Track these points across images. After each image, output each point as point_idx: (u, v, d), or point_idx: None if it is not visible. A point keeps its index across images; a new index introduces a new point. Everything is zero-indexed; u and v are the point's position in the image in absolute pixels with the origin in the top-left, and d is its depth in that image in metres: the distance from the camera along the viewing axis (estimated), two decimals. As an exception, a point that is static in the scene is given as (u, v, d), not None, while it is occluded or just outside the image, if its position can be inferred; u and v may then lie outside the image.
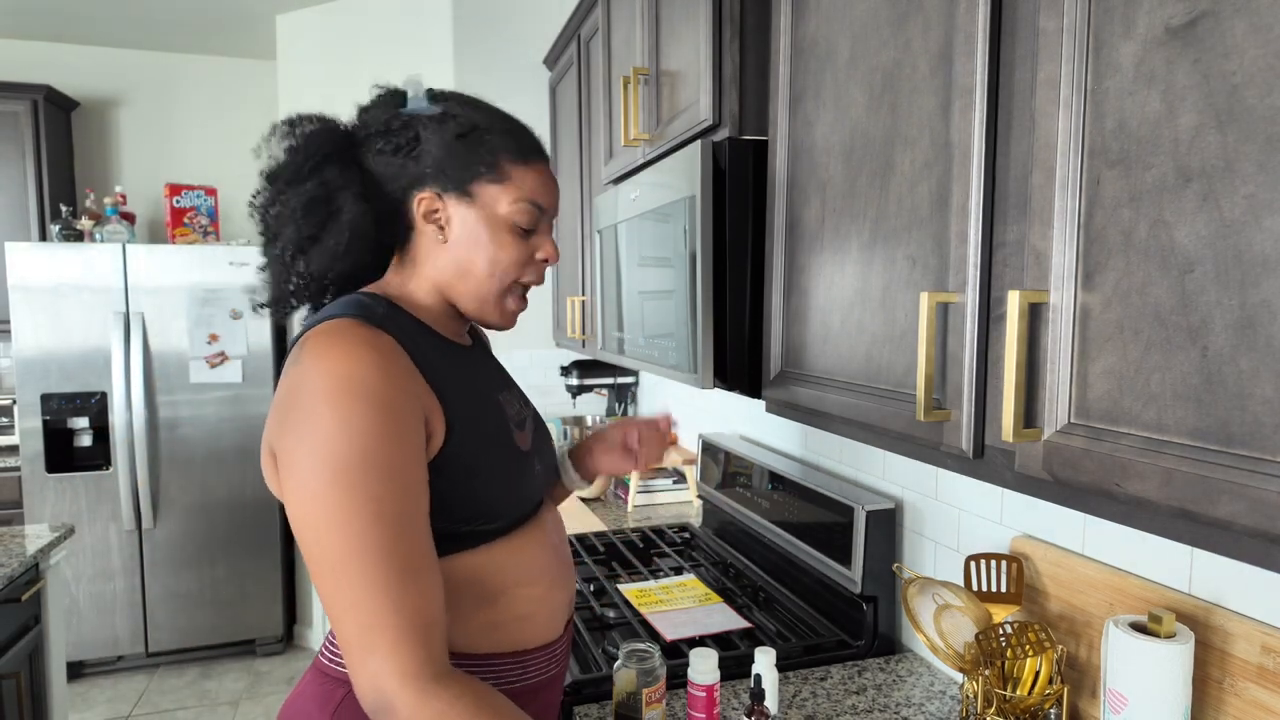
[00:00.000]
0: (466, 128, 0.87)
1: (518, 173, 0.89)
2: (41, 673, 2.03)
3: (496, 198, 0.88)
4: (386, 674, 0.70)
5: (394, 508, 0.73)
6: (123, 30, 3.58)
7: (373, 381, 0.74)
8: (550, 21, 3.07)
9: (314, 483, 0.72)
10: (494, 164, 0.87)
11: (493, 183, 0.87)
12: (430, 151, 0.87)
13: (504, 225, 0.88)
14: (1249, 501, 0.51)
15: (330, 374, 0.73)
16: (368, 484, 0.72)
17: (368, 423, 0.73)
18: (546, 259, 0.92)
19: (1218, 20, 0.54)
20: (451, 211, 0.88)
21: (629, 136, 1.63)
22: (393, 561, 0.72)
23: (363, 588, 0.71)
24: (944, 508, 1.36)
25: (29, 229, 3.39)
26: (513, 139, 0.89)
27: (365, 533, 0.71)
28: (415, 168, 0.87)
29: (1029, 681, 1.03)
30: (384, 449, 0.73)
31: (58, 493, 3.15)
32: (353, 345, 0.75)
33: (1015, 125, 0.73)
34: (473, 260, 0.88)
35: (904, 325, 0.88)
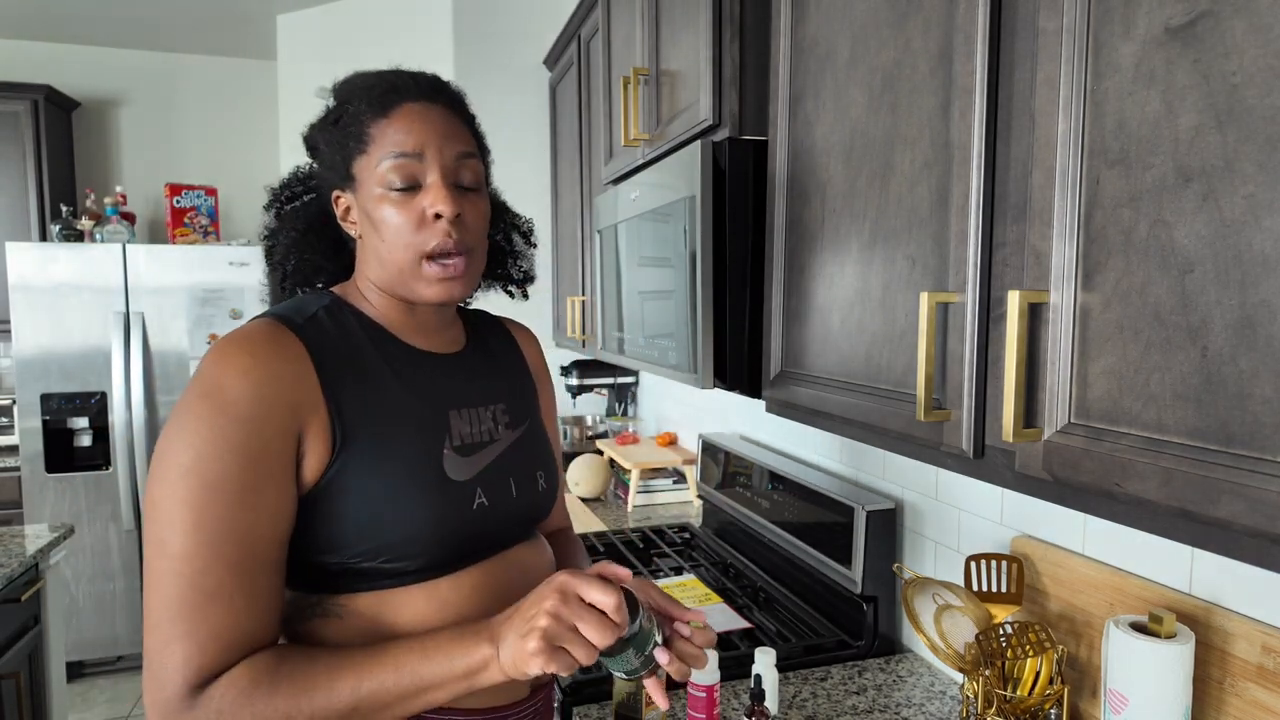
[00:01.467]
0: (334, 110, 0.82)
1: (378, 130, 0.78)
2: (41, 673, 2.03)
3: (368, 169, 0.78)
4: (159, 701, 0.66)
5: (218, 522, 0.67)
6: (123, 30, 3.58)
7: (233, 389, 0.69)
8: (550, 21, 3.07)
9: (153, 481, 0.69)
10: (360, 134, 0.78)
11: (362, 153, 0.79)
12: (323, 152, 0.84)
13: (381, 196, 0.78)
14: (1249, 501, 0.51)
15: (198, 377, 0.71)
16: (193, 493, 0.67)
17: (213, 431, 0.68)
18: (437, 212, 0.77)
19: (1217, 20, 0.54)
20: (352, 203, 0.82)
21: (629, 136, 1.63)
22: (201, 578, 0.67)
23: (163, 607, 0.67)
24: (944, 508, 1.36)
25: (29, 229, 3.39)
26: (371, 94, 0.79)
27: (179, 542, 0.66)
28: (322, 175, 0.85)
29: (1029, 682, 1.03)
30: (221, 460, 0.67)
31: (57, 493, 3.15)
32: (233, 350, 0.71)
33: (1015, 125, 0.73)
34: (375, 245, 0.80)
35: (904, 325, 0.88)
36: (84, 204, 3.49)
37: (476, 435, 0.85)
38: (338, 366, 0.76)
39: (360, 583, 0.76)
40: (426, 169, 0.78)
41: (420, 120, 0.78)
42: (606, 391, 3.03)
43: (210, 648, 0.67)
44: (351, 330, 0.81)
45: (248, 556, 0.69)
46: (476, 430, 0.85)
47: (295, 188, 0.92)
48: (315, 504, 0.73)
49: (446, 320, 0.89)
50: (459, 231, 0.79)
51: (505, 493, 0.85)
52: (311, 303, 0.82)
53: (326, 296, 0.83)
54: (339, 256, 0.92)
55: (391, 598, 0.76)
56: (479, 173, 0.83)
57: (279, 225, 0.90)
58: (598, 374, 2.92)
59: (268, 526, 0.70)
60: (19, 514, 3.20)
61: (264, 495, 0.69)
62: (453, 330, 0.90)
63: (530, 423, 0.93)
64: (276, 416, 0.71)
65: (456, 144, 0.80)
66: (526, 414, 0.93)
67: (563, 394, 3.22)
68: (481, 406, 0.87)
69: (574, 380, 2.89)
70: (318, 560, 0.75)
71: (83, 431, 3.18)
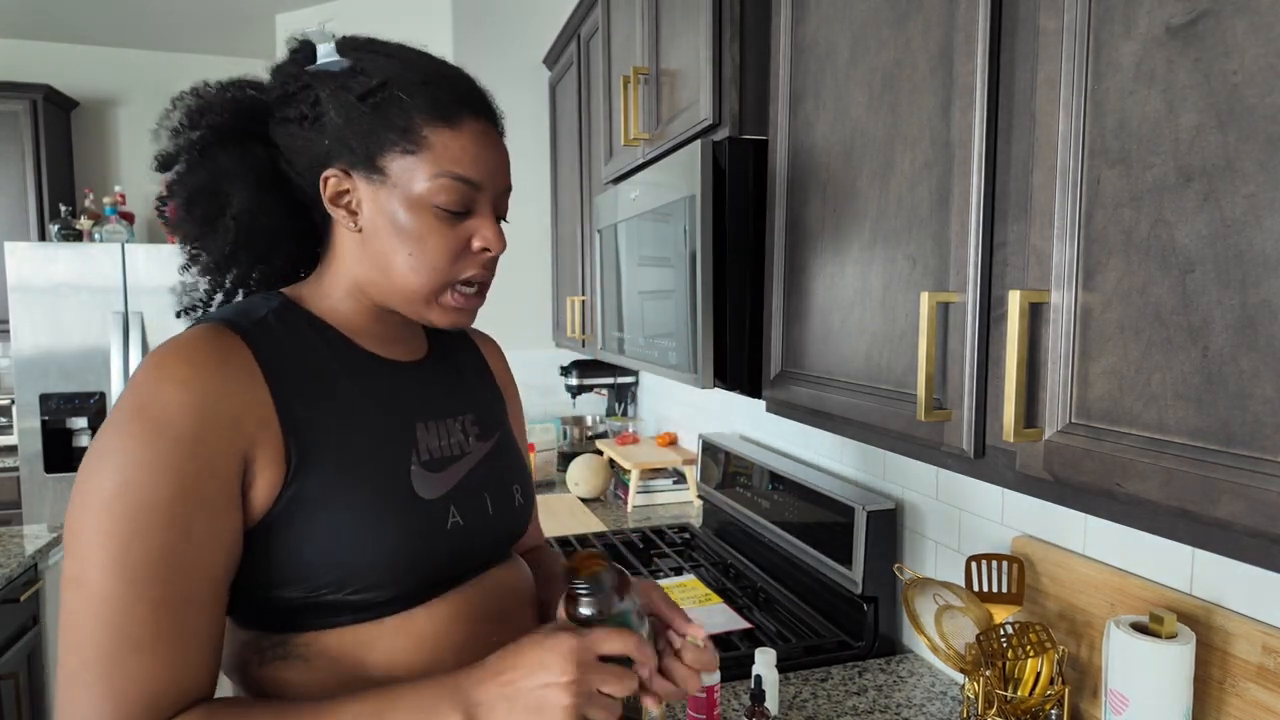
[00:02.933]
0: (373, 85, 0.69)
1: (438, 138, 0.69)
2: (40, 673, 2.03)
3: (411, 173, 0.69)
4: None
5: (144, 558, 0.58)
6: (122, 30, 3.58)
7: (169, 404, 0.60)
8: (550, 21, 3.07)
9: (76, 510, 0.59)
10: (407, 129, 0.69)
11: (406, 153, 0.69)
12: (332, 119, 0.70)
13: (423, 208, 0.70)
14: (1249, 501, 0.51)
15: (131, 391, 0.61)
16: (117, 524, 0.58)
17: (143, 451, 0.59)
18: (486, 247, 0.73)
19: (1218, 20, 0.53)
20: (362, 193, 0.71)
21: (629, 136, 1.63)
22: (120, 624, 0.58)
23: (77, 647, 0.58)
24: (945, 508, 1.36)
25: (28, 229, 3.39)
26: (431, 92, 0.70)
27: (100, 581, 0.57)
28: (318, 140, 0.71)
29: (1030, 682, 1.03)
30: (152, 486, 0.59)
31: (56, 493, 3.15)
32: (170, 360, 0.62)
33: (1015, 125, 0.73)
34: (390, 253, 0.71)
35: (904, 325, 0.88)
36: (83, 204, 3.49)
37: (446, 449, 0.77)
38: (291, 377, 0.68)
39: (325, 618, 0.67)
40: (480, 199, 0.72)
41: (485, 147, 0.72)
42: (606, 391, 3.03)
43: (132, 704, 0.58)
44: (305, 336, 0.72)
45: (179, 596, 0.60)
46: (445, 443, 0.77)
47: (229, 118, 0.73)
48: (269, 532, 0.65)
49: (412, 328, 0.81)
50: (491, 266, 0.75)
51: (481, 510, 0.77)
52: (259, 305, 0.72)
53: (276, 298, 0.74)
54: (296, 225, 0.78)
55: (361, 633, 0.68)
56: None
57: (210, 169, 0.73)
58: (598, 374, 2.92)
59: (204, 562, 0.61)
60: (18, 514, 3.19)
61: (200, 525, 0.61)
62: (415, 338, 0.82)
63: (501, 434, 0.85)
64: (219, 435, 0.62)
65: (506, 177, 0.75)
66: (497, 425, 0.86)
67: (563, 394, 3.22)
68: (450, 418, 0.79)
69: (574, 380, 2.89)
70: (275, 595, 0.66)
71: (81, 432, 3.17)
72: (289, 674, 0.68)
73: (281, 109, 0.73)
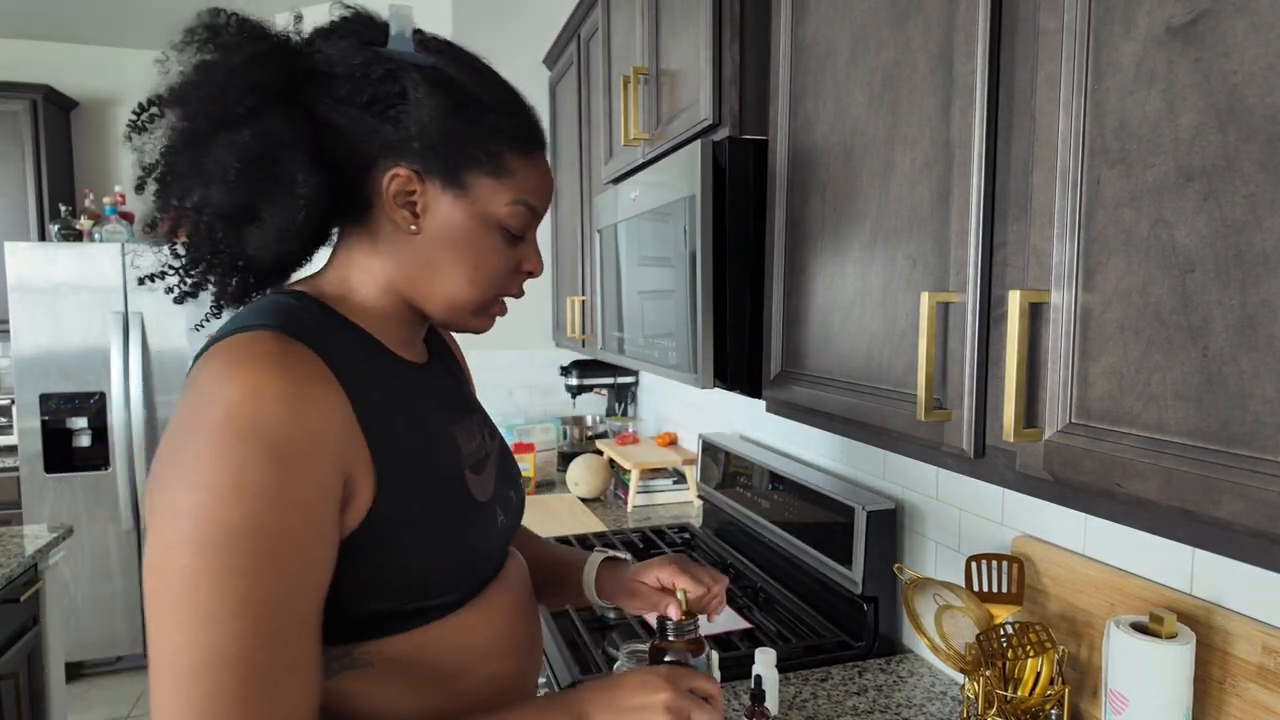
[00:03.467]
0: (467, 99, 0.69)
1: (521, 168, 0.72)
2: (40, 673, 2.03)
3: (492, 194, 0.71)
4: None
5: (273, 591, 0.56)
6: (122, 30, 3.58)
7: (280, 424, 0.57)
8: (550, 21, 3.07)
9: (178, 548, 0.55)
10: (497, 153, 0.70)
11: (490, 175, 0.70)
12: (418, 119, 0.67)
13: (495, 228, 0.72)
14: (1250, 501, 0.51)
15: (227, 408, 0.56)
16: (245, 559, 0.55)
17: (263, 479, 0.56)
18: (531, 271, 0.77)
19: (1218, 19, 0.53)
20: (431, 198, 0.69)
21: (629, 136, 1.63)
22: (255, 661, 0.55)
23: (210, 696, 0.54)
24: (944, 508, 1.36)
25: (28, 229, 3.39)
26: (520, 124, 0.72)
27: (229, 622, 0.54)
28: (393, 133, 0.67)
29: (1030, 682, 1.03)
30: (275, 515, 0.56)
31: (56, 493, 3.15)
32: (263, 373, 0.58)
33: (1016, 125, 0.73)
34: (450, 263, 0.71)
35: (904, 325, 0.88)
36: (83, 204, 3.49)
37: (478, 450, 0.79)
38: (354, 387, 0.65)
39: (399, 624, 0.68)
40: (532, 225, 0.76)
41: (548, 182, 0.76)
42: (606, 391, 3.03)
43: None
44: (344, 340, 0.68)
45: (300, 623, 0.58)
46: (475, 445, 0.79)
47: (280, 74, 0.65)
48: (359, 547, 0.64)
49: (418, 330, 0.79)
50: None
51: (511, 506, 0.81)
52: (292, 306, 0.67)
53: (300, 297, 0.70)
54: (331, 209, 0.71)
55: (424, 635, 0.69)
56: None
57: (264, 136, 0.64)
58: (598, 374, 2.92)
59: (319, 586, 0.60)
60: (18, 514, 3.19)
61: (316, 550, 0.59)
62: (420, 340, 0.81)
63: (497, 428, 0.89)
64: (328, 455, 0.59)
65: None
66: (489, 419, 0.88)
67: (563, 394, 3.22)
68: (468, 418, 0.81)
69: (574, 380, 2.89)
70: (357, 607, 0.66)
71: (81, 432, 3.17)
72: (357, 684, 0.67)
73: (347, 85, 0.67)
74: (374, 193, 0.69)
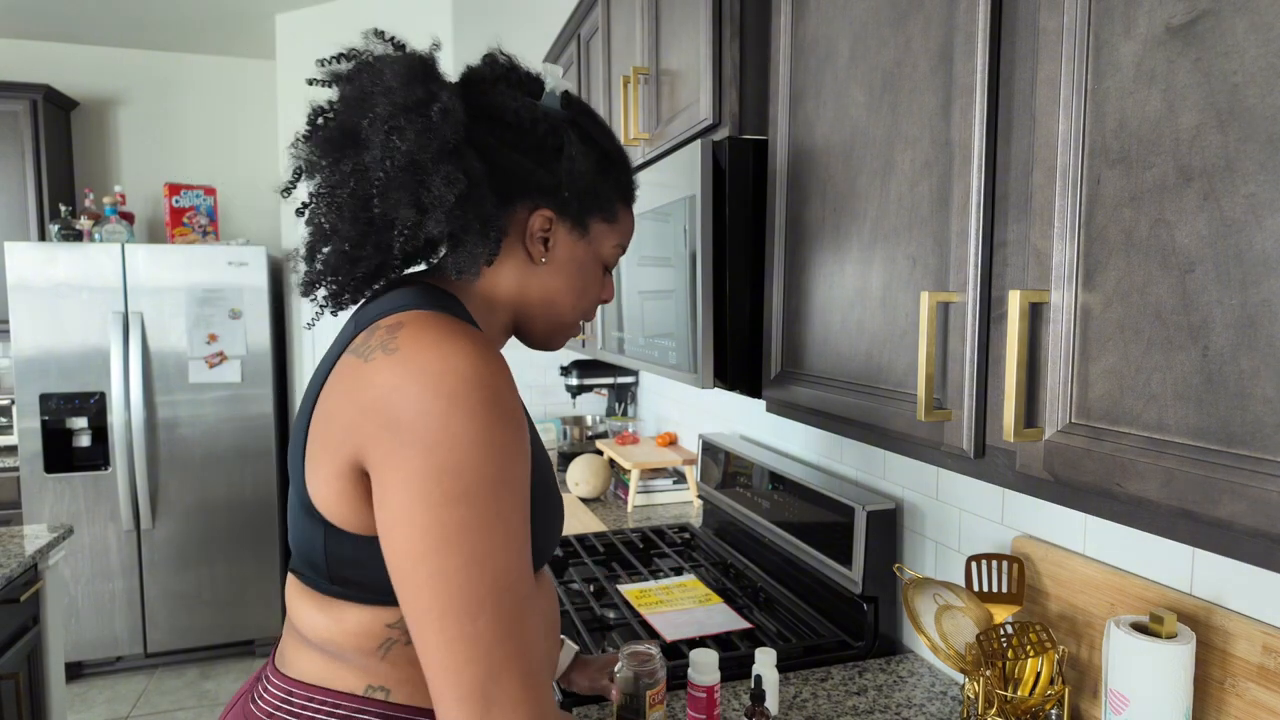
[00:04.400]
0: (605, 156, 0.83)
1: (624, 217, 0.87)
2: (40, 673, 2.03)
3: (605, 237, 0.85)
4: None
5: (521, 533, 0.64)
6: (122, 30, 3.58)
7: (503, 389, 0.65)
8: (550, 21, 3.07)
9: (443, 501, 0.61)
10: (612, 203, 0.84)
11: (605, 222, 0.84)
12: (569, 169, 0.79)
13: (598, 265, 0.85)
14: (1250, 501, 0.51)
15: (457, 375, 0.62)
16: (502, 506, 0.63)
17: (506, 436, 0.63)
18: (607, 300, 0.90)
19: (1218, 19, 0.53)
20: (560, 236, 0.81)
21: (629, 136, 1.63)
22: (518, 594, 0.63)
23: (494, 629, 0.61)
24: (945, 508, 1.36)
25: (28, 229, 3.39)
26: (629, 181, 0.87)
27: (499, 563, 0.62)
28: (547, 179, 0.78)
29: (1030, 682, 1.03)
30: (519, 466, 0.65)
31: (56, 493, 3.15)
32: (470, 344, 0.65)
33: (1016, 124, 0.73)
34: (564, 292, 0.83)
35: (904, 325, 0.88)
36: (83, 204, 3.49)
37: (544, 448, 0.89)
38: None
39: None
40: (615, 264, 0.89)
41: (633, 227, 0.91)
42: (606, 391, 3.03)
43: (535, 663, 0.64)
44: None
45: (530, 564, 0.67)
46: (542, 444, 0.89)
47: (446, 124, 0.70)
48: None
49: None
50: None
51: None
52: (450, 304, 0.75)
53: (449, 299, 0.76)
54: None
55: None
56: None
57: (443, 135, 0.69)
58: (598, 374, 2.92)
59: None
60: (18, 514, 3.19)
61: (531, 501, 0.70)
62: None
63: None
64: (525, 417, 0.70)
65: None
66: None
67: (563, 394, 3.22)
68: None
69: (574, 380, 2.89)
70: None
71: (81, 432, 3.17)
72: None
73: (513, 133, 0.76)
74: (511, 223, 0.79)
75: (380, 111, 0.69)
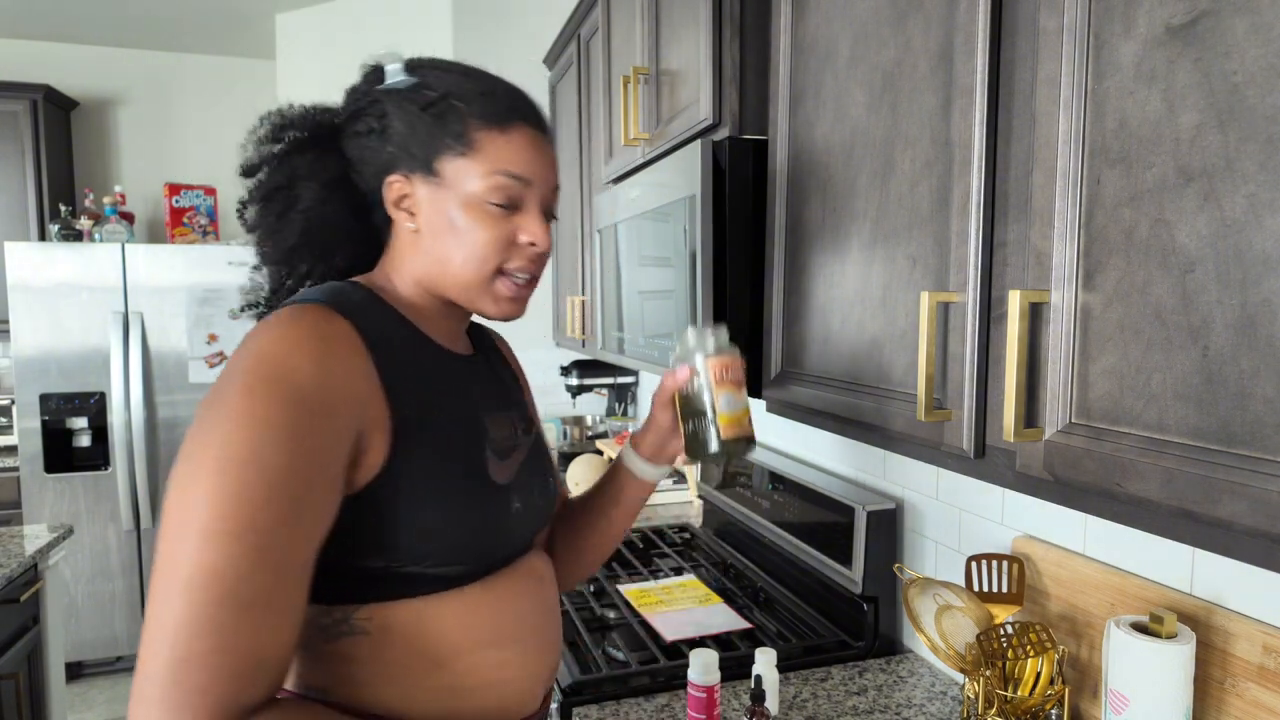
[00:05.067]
0: (434, 97, 0.76)
1: (490, 141, 0.76)
2: (40, 673, 2.03)
3: (464, 173, 0.75)
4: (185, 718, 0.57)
5: (270, 525, 0.59)
6: (122, 30, 3.58)
7: (303, 372, 0.63)
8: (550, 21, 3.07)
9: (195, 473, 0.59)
10: (461, 134, 0.75)
11: (460, 156, 0.75)
12: (396, 129, 0.77)
13: (474, 205, 0.76)
14: (1250, 501, 0.51)
15: (257, 355, 0.63)
16: (250, 488, 0.59)
17: (277, 416, 0.61)
18: (532, 242, 0.78)
19: (1218, 19, 0.53)
20: (420, 196, 0.77)
21: (629, 136, 1.63)
22: (239, 589, 0.58)
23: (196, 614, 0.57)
24: (945, 508, 1.36)
25: (28, 229, 3.39)
26: (486, 101, 0.77)
27: (225, 544, 0.58)
28: (383, 150, 0.78)
29: (1030, 682, 1.03)
30: (284, 453, 0.60)
31: (56, 493, 3.15)
32: (295, 328, 0.65)
33: (1016, 124, 0.73)
34: (446, 249, 0.77)
35: (904, 325, 0.88)
36: (83, 204, 3.49)
37: (509, 440, 0.83)
38: (389, 359, 0.72)
39: (397, 589, 0.71)
40: (528, 196, 0.78)
41: (535, 149, 0.79)
42: (606, 391, 3.03)
43: (243, 661, 0.58)
44: (390, 323, 0.76)
45: (294, 565, 0.61)
46: (507, 434, 0.84)
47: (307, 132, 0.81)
48: (365, 504, 0.68)
49: (461, 327, 0.87)
50: (539, 261, 0.81)
51: (531, 499, 0.85)
52: (348, 291, 0.76)
53: (357, 287, 0.78)
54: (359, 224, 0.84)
55: (424, 607, 0.72)
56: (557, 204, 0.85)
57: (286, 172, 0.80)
58: (598, 374, 2.92)
59: (315, 531, 0.64)
60: (18, 514, 3.19)
61: (318, 497, 0.63)
62: (463, 336, 0.88)
63: (537, 429, 0.93)
64: (344, 411, 0.65)
65: (554, 178, 0.82)
66: (532, 419, 0.93)
67: (563, 394, 3.22)
68: (504, 411, 0.86)
69: (574, 380, 2.89)
70: (357, 564, 0.70)
71: (82, 432, 3.17)
72: (357, 649, 0.71)
73: (352, 124, 0.80)
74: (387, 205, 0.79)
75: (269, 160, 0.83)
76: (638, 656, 1.35)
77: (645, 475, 0.99)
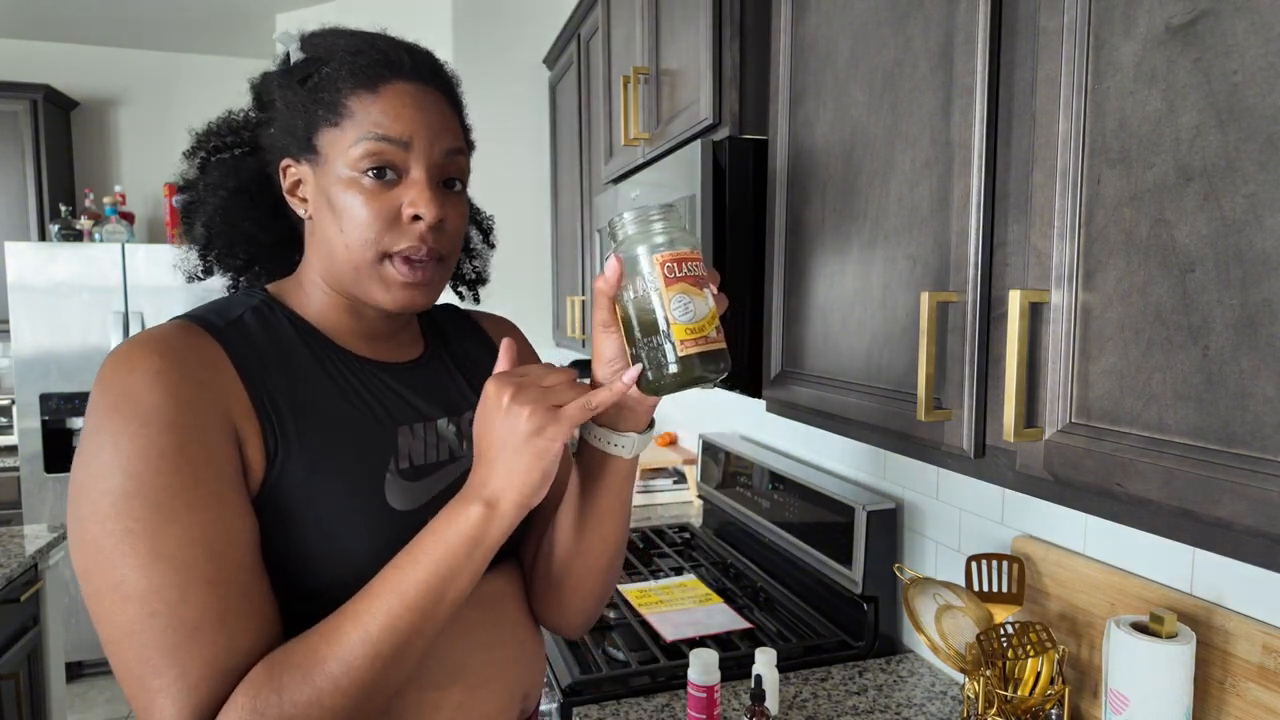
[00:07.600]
0: (308, 70, 0.69)
1: (359, 104, 0.67)
2: (40, 673, 2.03)
3: (336, 144, 0.67)
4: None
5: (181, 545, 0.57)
6: (122, 30, 3.58)
7: (149, 396, 0.59)
8: (550, 21, 3.07)
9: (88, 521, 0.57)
10: (333, 103, 0.67)
11: (333, 127, 0.67)
12: (280, 110, 0.70)
13: (350, 179, 0.67)
14: (1250, 501, 0.51)
15: (104, 389, 0.60)
16: (139, 520, 0.56)
17: (136, 443, 0.57)
18: (416, 214, 0.67)
19: (1218, 19, 0.53)
20: (305, 178, 0.70)
21: (629, 136, 1.63)
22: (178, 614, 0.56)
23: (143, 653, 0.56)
24: (945, 508, 1.36)
25: (28, 229, 3.39)
26: (354, 61, 0.68)
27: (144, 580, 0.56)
28: (277, 136, 0.71)
29: (1030, 682, 1.03)
30: (160, 474, 0.57)
31: (57, 493, 3.15)
32: (137, 353, 0.61)
33: (1016, 124, 0.73)
34: (330, 235, 0.68)
35: (905, 324, 0.88)
36: (83, 204, 3.49)
37: (431, 455, 0.73)
38: (266, 373, 0.66)
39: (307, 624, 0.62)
40: (411, 161, 0.67)
41: (412, 105, 0.68)
42: (606, 391, 3.03)
43: (206, 683, 0.56)
44: (283, 334, 0.70)
45: (232, 567, 0.59)
46: (431, 449, 0.73)
47: (227, 137, 0.76)
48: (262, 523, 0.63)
49: (399, 324, 0.78)
50: (436, 236, 0.69)
51: None
52: (237, 303, 0.71)
53: (257, 295, 0.73)
54: (273, 226, 0.78)
55: None
56: (465, 170, 0.73)
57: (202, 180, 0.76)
58: (597, 374, 2.91)
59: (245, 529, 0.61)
60: (18, 514, 3.19)
61: (228, 498, 0.60)
62: (406, 335, 0.79)
63: None
64: (204, 416, 0.60)
65: (447, 138, 0.70)
66: None
67: (562, 394, 3.21)
68: (439, 420, 0.76)
69: (574, 380, 2.89)
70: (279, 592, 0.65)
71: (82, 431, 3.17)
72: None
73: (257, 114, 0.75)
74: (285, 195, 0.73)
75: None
76: (638, 656, 1.35)
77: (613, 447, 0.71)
